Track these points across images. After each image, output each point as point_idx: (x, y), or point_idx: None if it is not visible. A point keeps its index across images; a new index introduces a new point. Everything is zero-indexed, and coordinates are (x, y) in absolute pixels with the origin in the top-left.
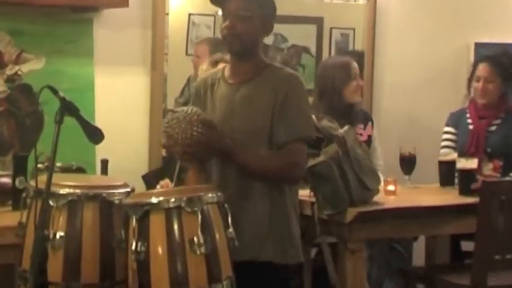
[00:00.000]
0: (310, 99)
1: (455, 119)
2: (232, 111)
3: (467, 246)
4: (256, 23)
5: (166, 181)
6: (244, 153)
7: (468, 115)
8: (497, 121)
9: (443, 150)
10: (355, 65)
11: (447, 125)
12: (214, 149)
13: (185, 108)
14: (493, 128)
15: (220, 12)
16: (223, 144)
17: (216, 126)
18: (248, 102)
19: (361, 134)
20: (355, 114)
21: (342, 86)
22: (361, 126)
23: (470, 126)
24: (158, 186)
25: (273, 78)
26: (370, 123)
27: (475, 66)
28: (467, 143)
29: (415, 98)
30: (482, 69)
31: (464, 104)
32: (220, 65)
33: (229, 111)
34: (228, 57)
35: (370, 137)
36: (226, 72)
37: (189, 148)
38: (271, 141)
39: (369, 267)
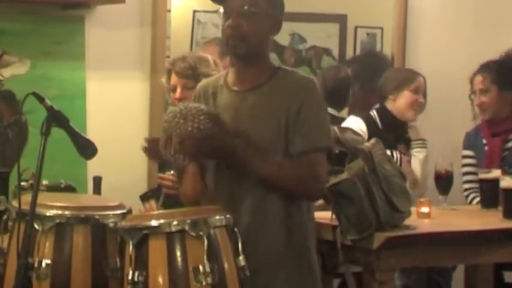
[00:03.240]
0: None
1: (471, 140)
2: (239, 124)
3: (510, 276)
4: (263, 20)
5: (152, 203)
6: (255, 157)
7: (483, 134)
8: None
9: (465, 177)
10: (421, 79)
11: (464, 147)
12: (217, 147)
13: (186, 103)
14: (510, 144)
15: (221, 10)
16: (229, 142)
17: (223, 121)
18: (258, 113)
19: (405, 154)
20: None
21: (392, 92)
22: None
23: (486, 147)
24: (142, 210)
25: (285, 84)
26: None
27: (471, 81)
28: (482, 167)
29: (452, 109)
30: (476, 81)
31: (478, 121)
32: None
33: (235, 123)
34: None
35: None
36: (230, 78)
37: (185, 142)
38: (285, 157)
39: None
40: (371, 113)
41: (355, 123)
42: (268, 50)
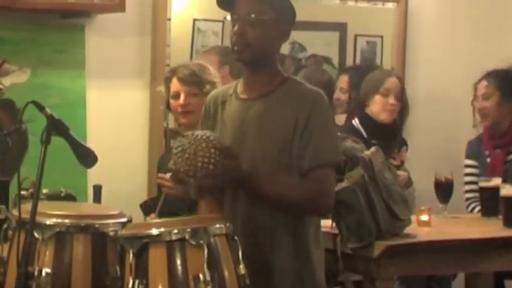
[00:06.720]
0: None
1: (474, 149)
2: (245, 132)
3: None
4: (270, 28)
5: (152, 216)
6: (265, 181)
7: (484, 145)
8: None
9: (466, 187)
10: (392, 80)
11: (467, 156)
12: (228, 179)
13: (195, 132)
14: None
15: (228, 17)
16: (241, 173)
17: (234, 154)
18: (263, 122)
19: (394, 158)
20: (392, 136)
21: (366, 99)
22: (395, 150)
23: (488, 159)
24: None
25: (293, 94)
26: (404, 148)
27: (475, 87)
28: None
29: (454, 117)
30: (480, 86)
31: (479, 130)
32: None
33: (241, 131)
34: None
35: (403, 162)
36: (239, 87)
37: (193, 180)
38: (290, 168)
39: None
40: (354, 122)
41: None
42: (276, 58)
